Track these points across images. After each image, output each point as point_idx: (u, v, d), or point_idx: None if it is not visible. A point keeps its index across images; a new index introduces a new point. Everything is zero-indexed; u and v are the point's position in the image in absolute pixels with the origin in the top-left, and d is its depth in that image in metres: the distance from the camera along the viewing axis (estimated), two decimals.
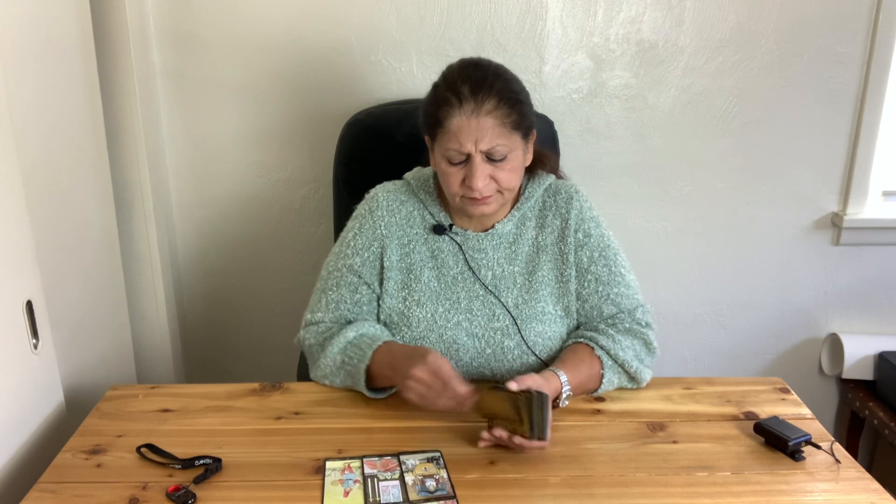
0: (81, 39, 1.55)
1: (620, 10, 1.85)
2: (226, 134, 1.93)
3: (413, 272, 1.36)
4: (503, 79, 1.26)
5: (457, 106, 1.22)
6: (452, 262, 1.37)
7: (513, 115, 1.24)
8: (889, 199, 2.06)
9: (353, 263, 1.36)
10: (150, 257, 1.86)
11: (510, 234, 1.38)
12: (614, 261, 1.38)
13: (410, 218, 1.39)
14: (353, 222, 1.40)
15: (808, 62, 1.90)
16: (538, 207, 1.40)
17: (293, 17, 1.83)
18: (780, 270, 2.08)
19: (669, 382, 1.37)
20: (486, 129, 1.22)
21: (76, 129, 1.52)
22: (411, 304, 1.35)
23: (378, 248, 1.37)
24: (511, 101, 1.24)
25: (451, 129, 1.23)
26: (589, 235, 1.37)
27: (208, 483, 1.08)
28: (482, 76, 1.24)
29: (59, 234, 1.43)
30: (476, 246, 1.37)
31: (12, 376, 1.19)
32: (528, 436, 1.11)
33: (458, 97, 1.23)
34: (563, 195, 1.39)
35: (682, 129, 1.95)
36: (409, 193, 1.40)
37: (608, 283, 1.37)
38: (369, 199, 1.41)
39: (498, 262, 1.37)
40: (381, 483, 1.08)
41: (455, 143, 1.23)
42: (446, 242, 1.37)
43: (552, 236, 1.38)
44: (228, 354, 2.12)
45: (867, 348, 2.07)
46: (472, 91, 1.22)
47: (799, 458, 1.15)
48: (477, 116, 1.22)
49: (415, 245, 1.37)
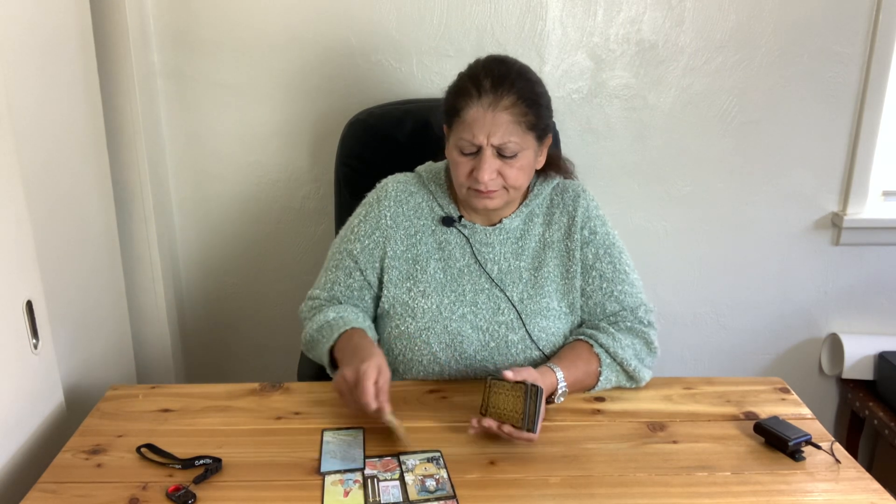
0: (81, 39, 1.55)
1: (620, 10, 1.85)
2: (226, 134, 1.93)
3: (419, 263, 1.37)
4: (525, 78, 1.28)
5: (475, 97, 1.24)
6: (459, 254, 1.38)
7: (529, 115, 1.25)
8: (889, 199, 2.06)
9: (352, 249, 1.39)
10: (150, 257, 1.86)
11: (517, 229, 1.39)
12: (619, 259, 1.39)
13: (419, 209, 1.40)
14: (361, 209, 1.42)
15: (808, 62, 1.90)
16: (546, 205, 1.41)
17: (293, 17, 1.83)
18: (780, 270, 2.09)
19: (669, 382, 1.38)
20: (500, 123, 1.23)
21: (76, 129, 1.52)
22: (416, 295, 1.35)
23: (380, 237, 1.38)
24: (529, 101, 1.25)
25: (466, 119, 1.25)
26: (595, 233, 1.39)
27: (208, 483, 1.08)
28: (505, 72, 1.26)
29: (59, 234, 1.43)
30: (483, 240, 1.38)
31: (12, 376, 1.19)
32: (519, 426, 1.12)
33: (477, 89, 1.24)
34: (570, 193, 1.41)
35: (682, 129, 1.95)
36: (420, 185, 1.42)
37: (612, 281, 1.38)
38: (379, 187, 1.43)
39: (504, 257, 1.38)
40: (381, 483, 1.08)
41: (468, 134, 1.25)
42: (454, 234, 1.39)
43: (559, 233, 1.39)
44: (228, 354, 2.12)
45: (867, 348, 2.07)
46: (494, 85, 1.24)
47: (799, 458, 1.15)
48: (493, 110, 1.23)
49: (422, 236, 1.39)
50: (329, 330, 1.32)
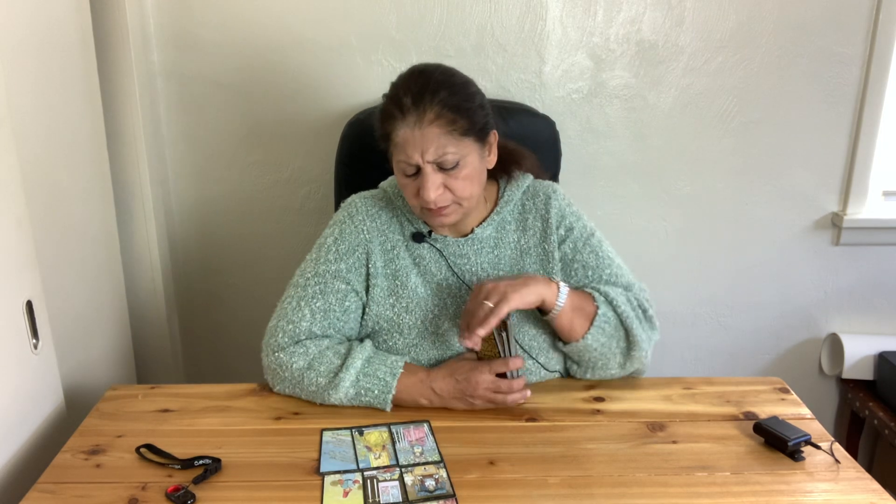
0: (81, 39, 1.55)
1: (620, 10, 1.85)
2: (226, 134, 1.93)
3: (399, 278, 1.34)
4: (447, 84, 1.22)
5: (400, 118, 1.20)
6: (435, 268, 1.35)
7: (458, 121, 1.20)
8: (889, 199, 2.06)
9: (338, 269, 1.32)
10: (150, 257, 1.86)
11: (491, 238, 1.36)
12: (600, 247, 1.37)
13: (391, 224, 1.36)
14: (332, 228, 1.37)
15: (808, 62, 1.90)
16: (518, 210, 1.38)
17: (293, 17, 1.83)
18: (780, 270, 2.08)
19: (669, 382, 1.37)
20: (430, 138, 1.19)
21: (76, 129, 1.52)
22: (400, 311, 1.33)
23: (363, 253, 1.34)
24: (455, 108, 1.20)
25: (398, 141, 1.21)
26: (571, 229, 1.36)
27: (208, 483, 1.08)
28: (423, 85, 1.20)
29: (59, 234, 1.44)
30: (457, 251, 1.35)
31: (12, 376, 1.19)
32: (501, 360, 1.25)
33: (400, 109, 1.20)
34: (541, 197, 1.38)
35: (682, 129, 1.95)
36: (386, 201, 1.38)
37: (597, 267, 1.35)
38: (347, 205, 1.39)
39: (482, 267, 1.35)
40: (380, 483, 1.08)
41: (403, 156, 1.21)
42: (427, 249, 1.35)
43: (535, 238, 1.37)
44: (228, 354, 2.12)
45: (867, 348, 2.07)
46: (414, 102, 1.19)
47: (799, 458, 1.15)
48: (420, 127, 1.19)
49: (398, 251, 1.35)
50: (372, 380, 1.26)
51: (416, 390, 1.26)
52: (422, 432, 1.21)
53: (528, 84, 1.89)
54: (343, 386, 1.24)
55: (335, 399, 1.26)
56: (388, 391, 1.25)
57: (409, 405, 1.27)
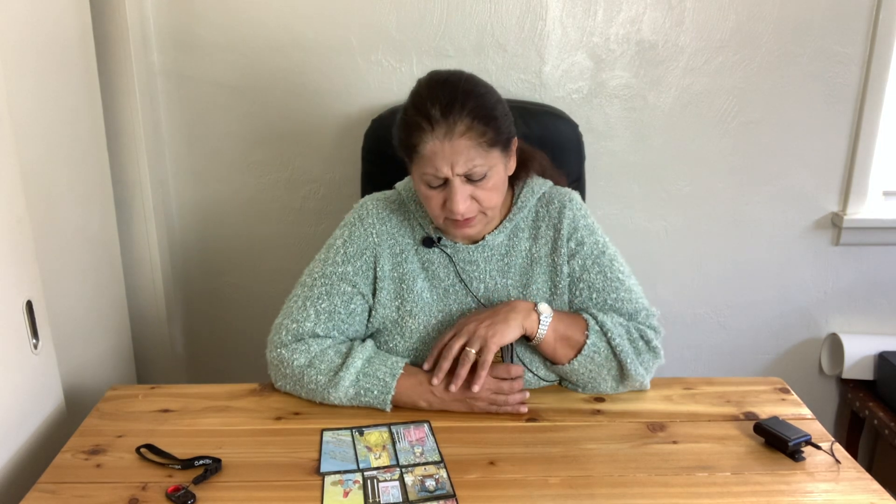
0: (81, 40, 1.55)
1: (620, 10, 1.85)
2: (226, 134, 1.93)
3: (405, 282, 1.33)
4: (474, 95, 1.19)
5: (429, 131, 1.17)
6: (443, 273, 1.34)
7: (488, 132, 1.18)
8: (889, 199, 2.06)
9: (345, 272, 1.31)
10: (150, 257, 1.86)
11: (502, 245, 1.35)
12: (609, 267, 1.33)
13: (401, 227, 1.35)
14: (342, 230, 1.36)
15: (808, 62, 1.90)
16: (531, 218, 1.36)
17: (293, 17, 1.82)
18: (780, 270, 2.08)
19: (669, 382, 1.37)
20: (461, 151, 1.16)
21: (76, 129, 1.52)
22: (404, 315, 1.32)
23: (371, 256, 1.33)
24: (485, 119, 1.18)
25: (425, 154, 1.18)
26: (582, 244, 1.33)
27: (208, 483, 1.08)
28: (452, 96, 1.17)
29: (59, 234, 1.44)
30: (467, 258, 1.34)
31: (12, 376, 1.19)
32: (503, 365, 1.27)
33: (428, 121, 1.17)
34: (555, 204, 1.35)
35: (682, 129, 1.95)
36: (399, 203, 1.37)
37: (603, 290, 1.33)
38: (358, 207, 1.37)
39: (490, 275, 1.34)
40: (380, 483, 1.08)
41: (431, 168, 1.19)
42: (437, 254, 1.34)
43: (546, 248, 1.34)
44: (228, 354, 2.12)
45: (867, 348, 2.07)
46: (443, 113, 1.16)
47: (799, 458, 1.15)
48: (451, 140, 1.16)
49: (407, 255, 1.34)
50: (371, 380, 1.25)
51: (415, 392, 1.26)
52: (422, 432, 1.21)
53: (528, 84, 1.89)
54: (343, 385, 1.24)
55: (335, 398, 1.26)
56: (387, 392, 1.24)
57: (408, 407, 1.27)
